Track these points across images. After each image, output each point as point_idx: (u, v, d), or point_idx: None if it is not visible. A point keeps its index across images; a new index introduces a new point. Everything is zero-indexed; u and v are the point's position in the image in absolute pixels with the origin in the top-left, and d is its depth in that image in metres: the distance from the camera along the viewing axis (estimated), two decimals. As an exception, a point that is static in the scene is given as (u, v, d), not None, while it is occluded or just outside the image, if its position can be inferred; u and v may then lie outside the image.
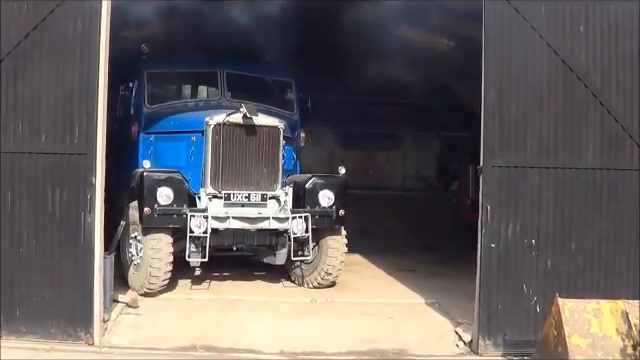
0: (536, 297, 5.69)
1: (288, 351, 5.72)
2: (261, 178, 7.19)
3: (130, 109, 8.22)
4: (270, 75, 8.45)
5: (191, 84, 8.66)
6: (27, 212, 5.62)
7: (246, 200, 7.12)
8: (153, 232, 6.87)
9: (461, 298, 6.71)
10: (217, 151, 7.08)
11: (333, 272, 7.52)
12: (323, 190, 7.40)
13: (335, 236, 7.49)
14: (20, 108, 5.63)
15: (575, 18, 5.72)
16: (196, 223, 6.81)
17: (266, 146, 7.18)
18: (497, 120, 5.72)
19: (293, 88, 8.53)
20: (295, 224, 7.13)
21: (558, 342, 4.97)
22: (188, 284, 7.48)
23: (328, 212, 7.36)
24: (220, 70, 8.09)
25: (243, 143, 7.13)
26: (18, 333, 5.60)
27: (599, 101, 5.71)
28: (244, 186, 7.14)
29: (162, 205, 6.85)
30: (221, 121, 7.09)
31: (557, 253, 5.71)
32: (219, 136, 7.07)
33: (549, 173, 5.73)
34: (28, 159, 5.63)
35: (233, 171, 7.13)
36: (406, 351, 5.79)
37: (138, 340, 5.85)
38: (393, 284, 7.91)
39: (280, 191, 7.26)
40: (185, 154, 7.45)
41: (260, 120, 7.16)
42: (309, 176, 7.57)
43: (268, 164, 7.20)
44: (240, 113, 7.06)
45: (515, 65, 5.71)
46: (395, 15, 7.34)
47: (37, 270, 5.61)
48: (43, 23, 5.59)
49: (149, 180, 6.92)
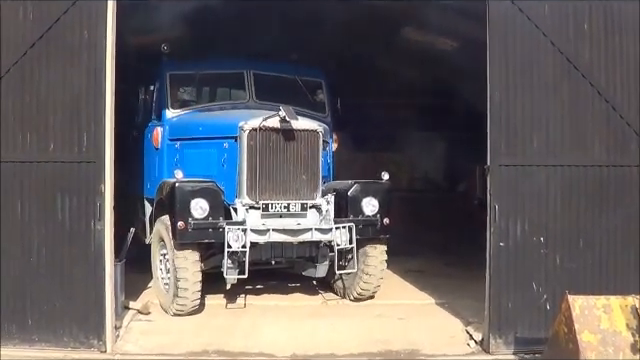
0: (546, 295, 5.72)
1: (300, 354, 5.73)
2: (300, 186, 6.70)
3: (152, 114, 7.81)
4: (299, 75, 7.92)
5: (215, 86, 8.11)
6: (37, 221, 5.64)
7: (285, 210, 6.64)
8: (179, 248, 6.43)
9: (470, 298, 6.75)
10: (253, 158, 6.55)
11: (373, 282, 7.02)
12: (367, 197, 6.91)
13: (375, 244, 7.00)
14: (28, 117, 5.64)
15: (579, 17, 5.75)
16: (234, 237, 6.33)
17: (305, 152, 6.69)
18: (503, 119, 5.74)
19: (324, 89, 8.04)
20: (338, 235, 6.64)
21: (569, 339, 4.99)
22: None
23: (372, 221, 6.87)
24: (247, 70, 7.64)
25: (280, 149, 6.62)
26: (30, 342, 5.61)
27: (604, 99, 5.73)
28: (282, 195, 6.64)
29: (197, 219, 6.35)
30: (257, 126, 6.56)
31: (565, 250, 5.73)
32: (255, 142, 6.55)
33: (556, 171, 5.75)
34: (37, 168, 5.65)
35: (271, 179, 6.62)
36: (418, 351, 5.81)
37: (150, 346, 5.86)
38: (402, 285, 7.92)
39: (321, 200, 6.79)
40: (216, 162, 6.94)
41: (298, 124, 6.66)
42: (351, 183, 7.02)
43: (307, 171, 6.71)
44: (277, 117, 6.57)
45: (520, 64, 5.73)
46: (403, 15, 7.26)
47: (48, 278, 5.62)
48: (49, 32, 5.59)
49: (182, 192, 6.41)
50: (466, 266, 8.23)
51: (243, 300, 7.06)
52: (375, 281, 7.01)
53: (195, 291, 6.41)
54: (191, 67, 7.65)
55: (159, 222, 6.79)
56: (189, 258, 6.40)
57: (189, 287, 6.35)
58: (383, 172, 7.09)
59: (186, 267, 6.37)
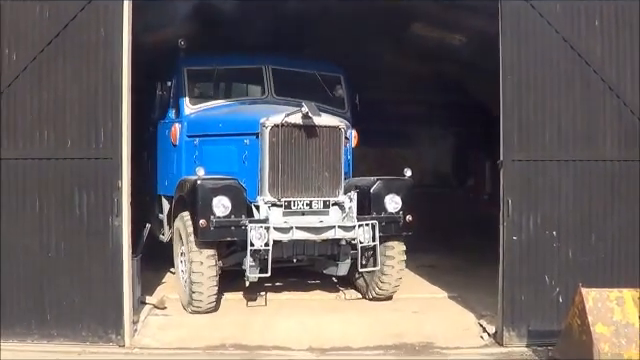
0: (558, 288, 5.79)
1: (316, 347, 5.80)
2: (323, 183, 6.59)
3: (169, 110, 7.71)
4: (317, 70, 7.78)
5: (233, 81, 7.98)
6: (55, 217, 5.68)
7: (307, 208, 6.53)
8: (199, 247, 6.37)
9: (481, 292, 6.82)
10: (275, 155, 6.45)
11: (392, 281, 6.93)
12: (390, 194, 6.81)
13: (392, 242, 6.89)
14: (45, 114, 5.68)
15: (590, 13, 5.81)
16: (257, 235, 6.22)
17: (327, 148, 6.59)
18: (516, 115, 5.80)
19: (342, 84, 7.93)
20: (361, 232, 6.55)
21: (582, 331, 5.07)
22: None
23: (395, 218, 6.77)
24: (265, 66, 7.52)
25: (303, 145, 6.52)
26: (49, 337, 5.67)
27: (615, 94, 5.80)
28: (305, 193, 6.54)
29: (219, 217, 6.28)
30: (279, 122, 6.45)
31: (578, 244, 5.81)
32: (277, 138, 6.44)
33: (568, 166, 5.83)
34: (54, 165, 5.69)
35: (293, 177, 6.52)
36: (432, 344, 5.89)
37: (167, 341, 5.93)
38: (414, 279, 7.97)
39: (344, 197, 6.67)
40: (237, 159, 6.82)
41: (321, 120, 6.56)
42: (373, 179, 6.94)
43: (330, 168, 6.60)
44: (299, 113, 6.44)
45: (532, 60, 5.79)
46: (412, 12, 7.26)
47: (66, 274, 5.68)
48: (66, 29, 5.63)
49: (203, 189, 6.32)
50: (477, 261, 8.32)
51: (260, 295, 7.07)
52: (393, 280, 6.95)
53: (211, 293, 6.39)
54: (208, 62, 7.52)
55: (179, 219, 6.73)
56: (205, 258, 6.35)
57: (204, 282, 6.34)
58: (406, 169, 7.03)
59: (201, 271, 6.33)
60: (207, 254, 6.37)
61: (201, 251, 6.36)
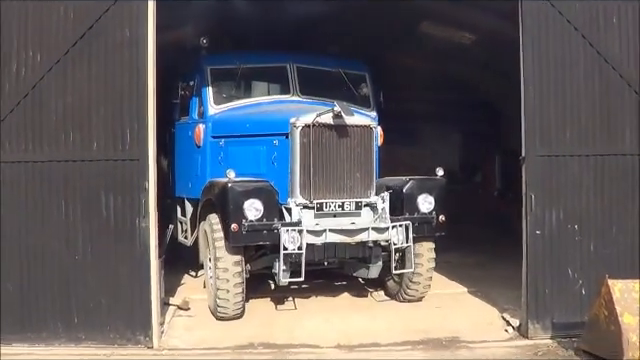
0: (581, 280, 5.90)
1: (344, 344, 5.85)
2: (354, 184, 6.41)
3: (191, 110, 7.51)
4: (342, 68, 7.58)
5: (257, 80, 7.63)
6: (82, 219, 5.67)
7: (339, 210, 6.36)
8: (228, 252, 6.19)
9: (501, 286, 6.93)
10: (306, 156, 6.28)
11: (422, 282, 6.79)
12: (422, 194, 6.65)
13: (422, 242, 6.72)
14: (70, 116, 5.65)
15: (608, 10, 5.93)
16: (289, 239, 6.03)
17: (358, 148, 6.42)
18: (537, 111, 5.89)
19: (367, 82, 7.70)
20: (395, 234, 6.37)
21: (610, 321, 5.18)
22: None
23: (428, 219, 6.61)
24: (290, 64, 7.33)
25: (334, 146, 6.35)
26: (77, 340, 5.65)
27: (634, 90, 5.93)
28: (337, 194, 6.36)
29: (251, 220, 6.10)
30: (310, 122, 6.27)
31: (599, 237, 5.93)
32: (308, 139, 6.27)
33: (588, 160, 5.94)
34: (80, 167, 5.67)
35: (324, 178, 6.34)
36: (458, 338, 5.96)
37: (195, 341, 5.94)
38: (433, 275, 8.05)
39: (376, 197, 6.50)
40: (266, 160, 6.66)
41: (352, 120, 6.40)
42: (405, 179, 6.77)
43: (361, 168, 6.43)
44: (331, 112, 6.28)
45: (553, 58, 5.90)
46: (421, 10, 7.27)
47: (93, 276, 5.66)
48: (90, 30, 5.61)
49: (234, 192, 6.12)
50: (493, 255, 8.42)
51: (286, 297, 6.99)
52: (423, 281, 6.82)
53: (237, 300, 6.25)
54: (232, 61, 7.33)
55: (207, 223, 6.56)
56: (231, 264, 6.21)
57: (230, 297, 6.20)
58: (438, 168, 6.91)
59: (227, 277, 6.17)
60: (234, 260, 6.23)
61: (228, 256, 6.22)
